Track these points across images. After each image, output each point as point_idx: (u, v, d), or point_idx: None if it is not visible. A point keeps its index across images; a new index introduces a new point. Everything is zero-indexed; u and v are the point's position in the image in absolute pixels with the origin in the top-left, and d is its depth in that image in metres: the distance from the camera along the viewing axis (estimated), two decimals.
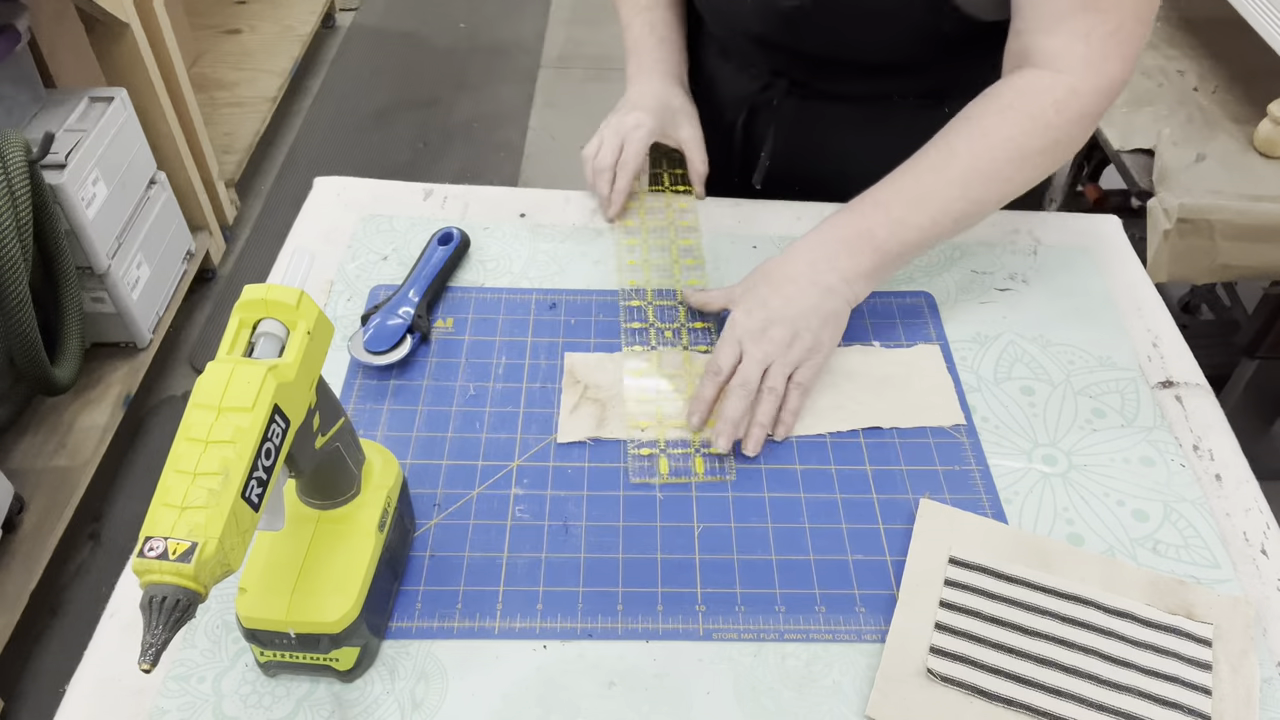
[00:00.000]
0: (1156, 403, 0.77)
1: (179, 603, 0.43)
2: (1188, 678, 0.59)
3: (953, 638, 0.61)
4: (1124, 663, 0.60)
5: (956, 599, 0.62)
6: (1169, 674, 0.59)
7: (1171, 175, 1.42)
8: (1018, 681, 0.59)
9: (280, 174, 2.52)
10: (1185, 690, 0.58)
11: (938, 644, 0.60)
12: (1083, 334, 0.82)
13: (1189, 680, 0.59)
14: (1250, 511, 0.69)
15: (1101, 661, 0.60)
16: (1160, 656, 0.60)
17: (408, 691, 0.59)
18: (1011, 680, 0.59)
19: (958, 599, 0.62)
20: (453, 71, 2.92)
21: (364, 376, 0.77)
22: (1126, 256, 0.90)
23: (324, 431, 0.55)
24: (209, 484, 0.45)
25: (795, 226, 0.91)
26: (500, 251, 0.89)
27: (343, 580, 0.57)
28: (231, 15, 2.79)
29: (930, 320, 0.83)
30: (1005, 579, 0.63)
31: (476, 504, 0.69)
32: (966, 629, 0.61)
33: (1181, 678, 0.59)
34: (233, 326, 0.50)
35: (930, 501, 0.68)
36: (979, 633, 0.61)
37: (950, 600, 0.62)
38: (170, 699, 0.58)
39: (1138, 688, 0.58)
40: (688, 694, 0.59)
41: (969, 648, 0.60)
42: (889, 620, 0.62)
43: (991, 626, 0.61)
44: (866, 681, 0.60)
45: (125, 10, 1.75)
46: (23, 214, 1.43)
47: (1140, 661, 0.60)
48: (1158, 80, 1.62)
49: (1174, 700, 0.58)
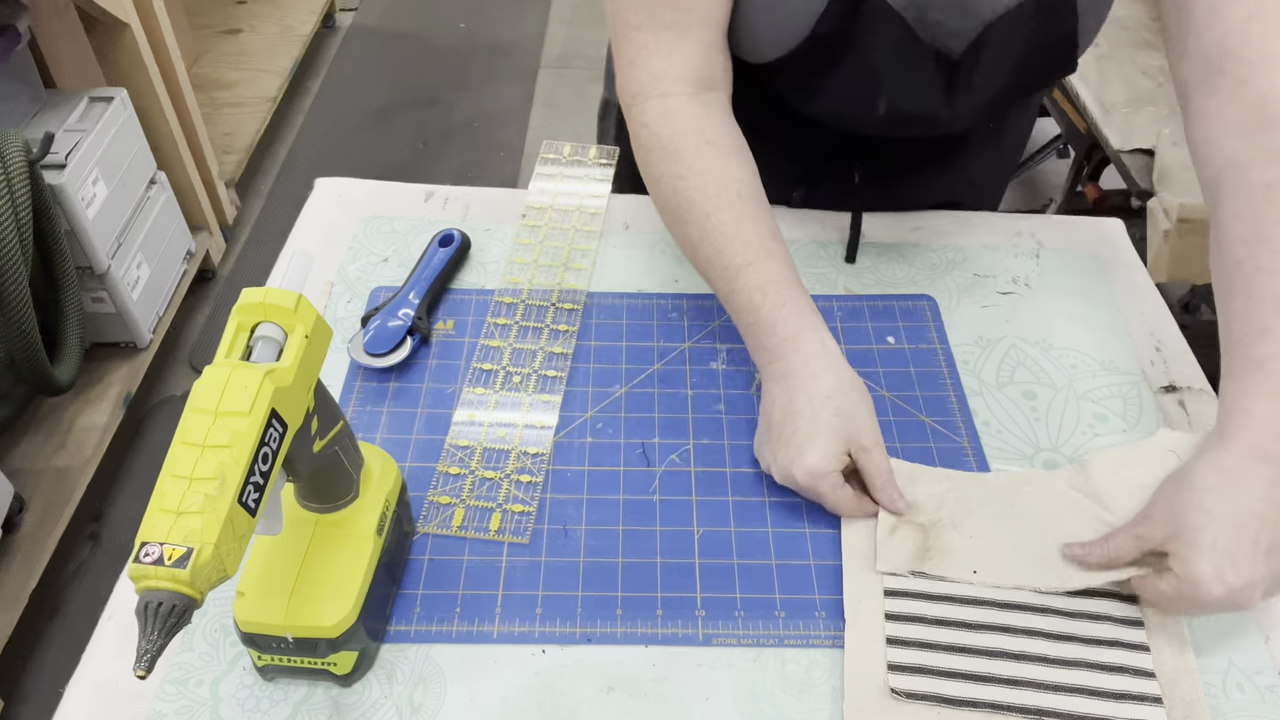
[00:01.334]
0: (1159, 407, 0.76)
1: (174, 608, 0.43)
2: (1125, 638, 0.61)
3: (906, 650, 0.60)
4: (1066, 637, 0.61)
5: (900, 608, 0.62)
6: (1108, 639, 0.61)
7: (1171, 175, 1.41)
8: (976, 680, 0.59)
9: (280, 174, 2.52)
10: (1126, 651, 0.60)
11: (894, 659, 0.60)
12: (1085, 338, 0.82)
13: (1127, 640, 0.61)
14: None
15: (1046, 640, 0.61)
16: (1095, 623, 0.62)
17: (406, 696, 0.59)
18: (970, 680, 0.59)
19: (901, 608, 0.62)
20: (453, 71, 2.92)
21: (364, 379, 0.77)
22: (1130, 260, 0.90)
23: (322, 435, 0.55)
24: (205, 489, 0.44)
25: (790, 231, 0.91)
26: (501, 254, 0.88)
27: (341, 584, 0.57)
28: (231, 15, 2.79)
29: (932, 324, 0.83)
30: (937, 577, 0.64)
31: None
32: (917, 637, 0.61)
33: (1120, 640, 0.61)
34: (230, 330, 0.50)
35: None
36: (929, 638, 0.61)
37: (894, 611, 0.62)
38: (168, 702, 0.58)
39: (1084, 659, 0.60)
40: (687, 699, 0.59)
41: (924, 656, 0.60)
42: None
43: (938, 629, 0.61)
44: None
45: (125, 10, 1.75)
46: (23, 214, 1.42)
47: (1079, 632, 0.61)
48: (1158, 80, 1.62)
49: (1119, 664, 0.60)
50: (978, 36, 0.72)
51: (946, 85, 0.76)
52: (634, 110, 0.74)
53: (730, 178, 0.71)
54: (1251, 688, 0.60)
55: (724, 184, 0.71)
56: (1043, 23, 0.72)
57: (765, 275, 0.69)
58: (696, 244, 0.71)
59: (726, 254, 0.70)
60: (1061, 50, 0.74)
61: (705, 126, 0.72)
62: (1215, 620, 0.63)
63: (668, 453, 0.73)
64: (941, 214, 0.93)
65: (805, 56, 0.75)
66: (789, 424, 0.66)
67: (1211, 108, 0.66)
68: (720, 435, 0.74)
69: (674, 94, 0.73)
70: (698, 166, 0.71)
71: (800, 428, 0.65)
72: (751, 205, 0.71)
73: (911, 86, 0.77)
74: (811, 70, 0.77)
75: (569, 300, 0.83)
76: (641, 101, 0.73)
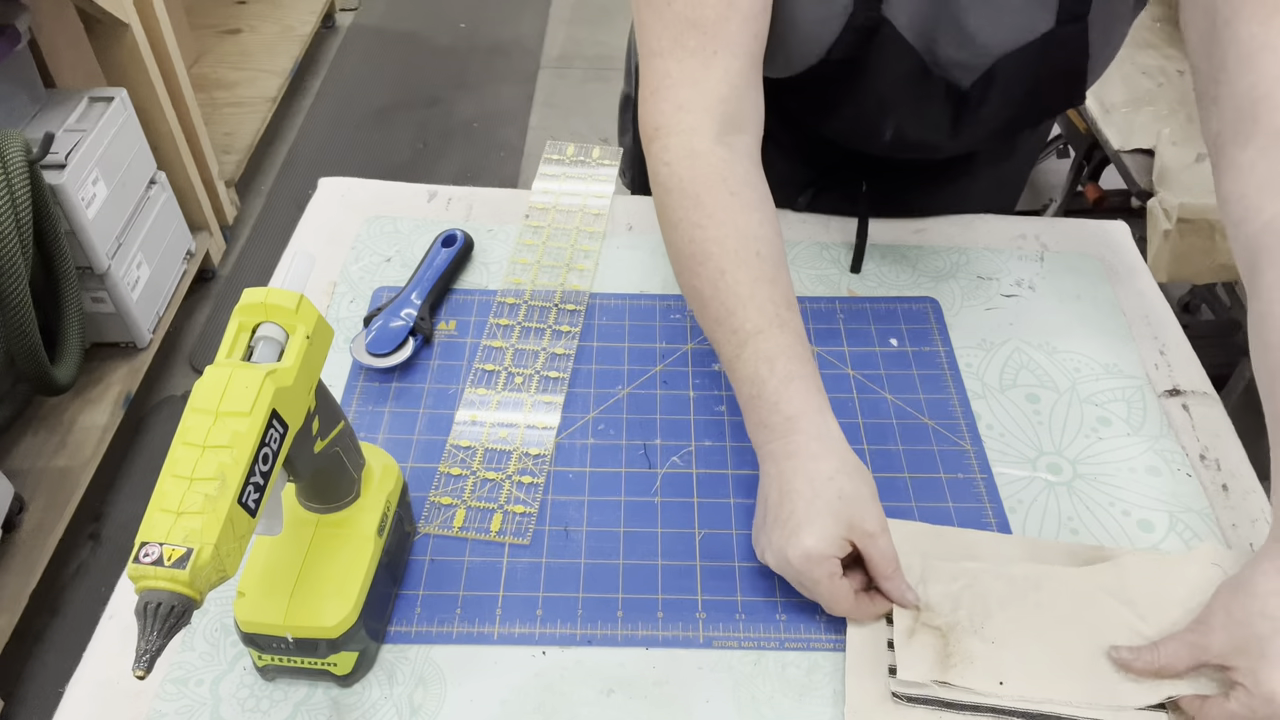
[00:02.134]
0: (1163, 411, 0.76)
1: (174, 609, 0.42)
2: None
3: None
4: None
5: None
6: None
7: (1171, 175, 1.41)
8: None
9: (280, 174, 2.51)
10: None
11: (894, 663, 0.59)
12: (1089, 341, 0.81)
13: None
14: (1257, 522, 0.69)
15: None
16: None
17: (406, 697, 0.58)
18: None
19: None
20: (453, 71, 2.92)
21: (365, 379, 0.77)
22: (1134, 263, 0.90)
23: (323, 436, 0.54)
24: (205, 489, 0.44)
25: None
26: (505, 254, 0.88)
27: (341, 585, 0.56)
28: (231, 15, 2.79)
29: (935, 326, 0.82)
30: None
31: None
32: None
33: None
34: (232, 330, 0.50)
35: None
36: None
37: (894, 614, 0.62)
38: (168, 701, 0.58)
39: None
40: (687, 702, 0.59)
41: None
42: None
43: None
44: None
45: (125, 10, 1.75)
46: (23, 214, 1.42)
47: None
48: (1158, 80, 1.62)
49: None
50: (987, 70, 0.72)
51: (954, 116, 0.76)
52: (655, 146, 0.69)
53: (751, 235, 0.66)
54: None
55: (744, 240, 0.66)
56: (1054, 58, 0.71)
57: (776, 347, 0.63)
58: (707, 301, 0.66)
59: (738, 316, 0.64)
60: (1071, 84, 0.74)
61: (730, 175, 0.67)
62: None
63: (669, 454, 0.72)
64: (945, 217, 0.93)
65: (816, 79, 0.74)
66: (786, 504, 0.60)
67: (1244, 160, 0.61)
68: (722, 437, 0.74)
69: (699, 132, 0.67)
70: (719, 217, 0.66)
71: (799, 508, 0.59)
72: (770, 268, 0.66)
73: (919, 116, 0.77)
74: (821, 92, 0.76)
75: (572, 301, 0.83)
76: (664, 137, 0.68)
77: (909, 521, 0.67)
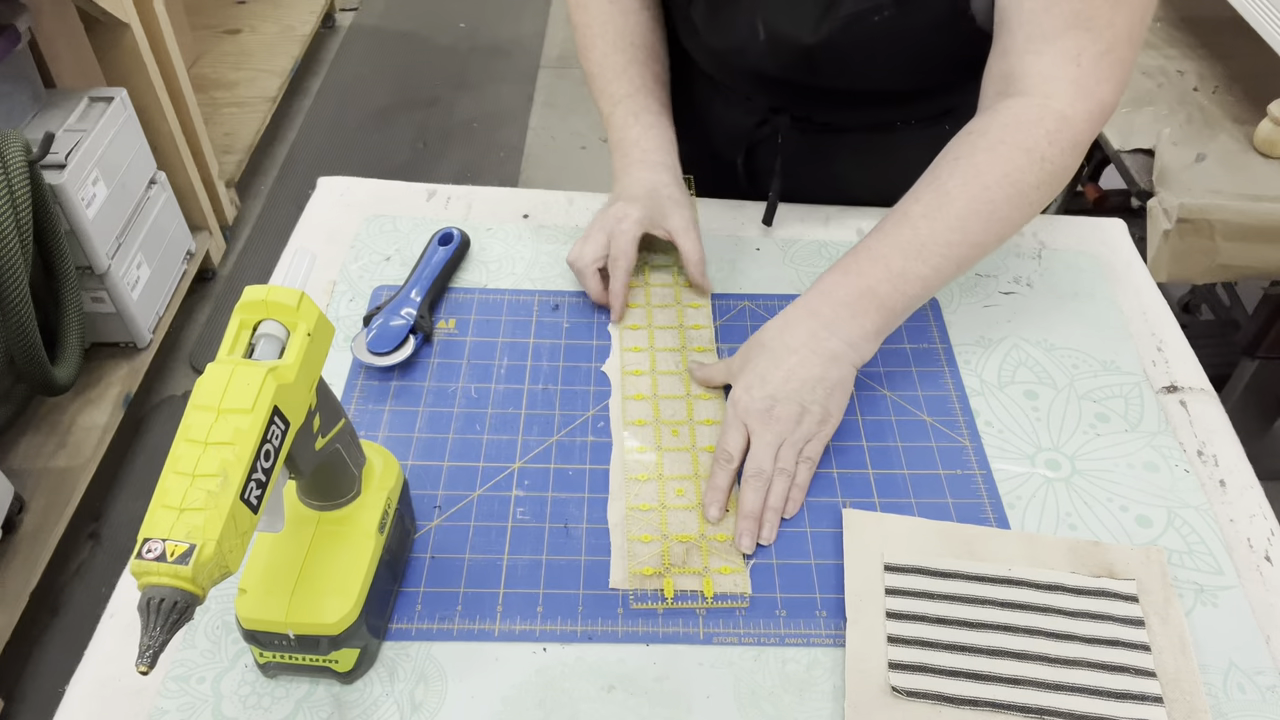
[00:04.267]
0: (1161, 407, 0.76)
1: (176, 605, 0.43)
2: (1126, 638, 0.61)
3: (907, 648, 0.60)
4: (1068, 636, 0.61)
5: (901, 607, 0.62)
6: (1109, 638, 0.61)
7: (1171, 175, 1.41)
8: (977, 679, 0.59)
9: (280, 174, 2.52)
10: (1127, 651, 0.60)
11: (895, 658, 0.60)
12: (1087, 338, 0.82)
13: (1128, 640, 0.61)
14: (1255, 518, 0.69)
15: (1047, 640, 0.61)
16: (1097, 623, 0.62)
17: (407, 693, 0.59)
18: (971, 679, 0.59)
19: (902, 606, 0.62)
20: (453, 71, 2.92)
21: (365, 377, 0.77)
22: (1132, 260, 0.90)
23: (324, 433, 0.55)
24: (208, 486, 0.44)
25: (801, 231, 0.91)
26: (503, 252, 0.89)
27: (342, 582, 0.56)
28: (231, 15, 2.79)
29: (934, 323, 0.83)
30: (940, 575, 0.64)
31: (477, 505, 0.69)
32: (918, 636, 0.61)
33: (1121, 639, 0.61)
34: (233, 327, 0.50)
35: (853, 511, 0.68)
36: (930, 637, 0.61)
37: (895, 609, 0.62)
38: (170, 699, 0.58)
39: (1086, 659, 0.60)
40: (688, 698, 0.59)
41: (925, 655, 0.60)
42: None
43: (940, 628, 0.61)
44: None
45: (125, 10, 1.75)
46: (23, 214, 1.42)
47: (1081, 632, 0.61)
48: (1158, 80, 1.62)
49: (1121, 664, 0.60)
50: None
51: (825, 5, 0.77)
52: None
53: (626, 29, 0.89)
54: (1253, 688, 0.60)
55: (620, 33, 0.89)
56: None
57: (639, 105, 0.87)
58: (594, 78, 0.90)
59: (613, 86, 0.88)
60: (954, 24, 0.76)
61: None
62: (1217, 621, 0.63)
63: None
64: None
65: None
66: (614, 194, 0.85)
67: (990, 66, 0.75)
68: None
69: None
70: (601, 18, 0.89)
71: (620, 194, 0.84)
72: (641, 53, 0.89)
73: (789, 6, 0.79)
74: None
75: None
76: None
77: (909, 517, 0.68)
